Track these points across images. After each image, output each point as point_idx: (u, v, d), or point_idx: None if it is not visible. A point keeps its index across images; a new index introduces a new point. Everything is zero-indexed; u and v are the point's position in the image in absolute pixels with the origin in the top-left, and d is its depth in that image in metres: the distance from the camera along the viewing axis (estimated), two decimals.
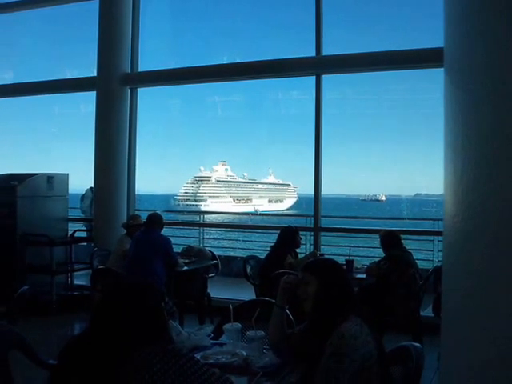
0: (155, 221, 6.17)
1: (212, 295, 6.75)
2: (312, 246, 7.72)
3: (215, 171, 67.84)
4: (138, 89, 8.47)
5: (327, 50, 7.47)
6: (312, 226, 7.60)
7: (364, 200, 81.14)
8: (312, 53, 7.44)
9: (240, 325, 2.95)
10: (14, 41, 13.58)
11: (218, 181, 66.82)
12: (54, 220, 8.12)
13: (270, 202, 72.63)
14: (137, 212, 8.13)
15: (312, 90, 7.40)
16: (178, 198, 64.92)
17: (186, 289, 6.37)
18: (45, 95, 10.09)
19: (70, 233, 8.58)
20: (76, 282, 8.18)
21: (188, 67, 8.53)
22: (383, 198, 74.46)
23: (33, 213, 7.78)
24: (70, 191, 8.44)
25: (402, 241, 5.86)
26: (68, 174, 8.54)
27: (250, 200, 69.87)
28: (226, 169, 68.91)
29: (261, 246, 16.65)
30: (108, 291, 2.14)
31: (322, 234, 7.66)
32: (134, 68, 8.35)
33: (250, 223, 19.90)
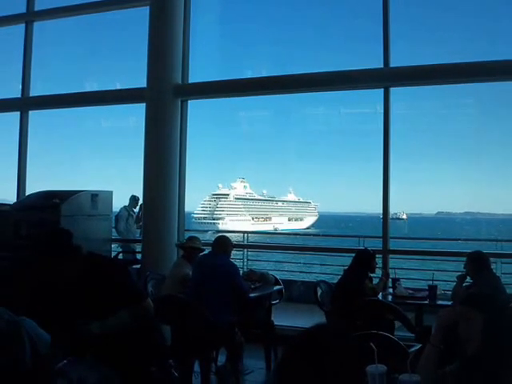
0: (223, 244, 5.60)
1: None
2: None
3: (234, 188, 66.79)
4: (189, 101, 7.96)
5: (395, 62, 6.98)
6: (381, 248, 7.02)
7: None
8: (380, 64, 6.97)
9: (385, 367, 2.33)
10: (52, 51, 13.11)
11: (236, 198, 65.81)
12: (97, 241, 7.50)
13: (289, 220, 71.31)
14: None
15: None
16: (196, 215, 64.07)
17: (250, 317, 5.80)
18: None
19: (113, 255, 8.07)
20: None
21: (245, 78, 8.05)
22: (404, 217, 72.77)
23: (76, 233, 7.23)
24: None
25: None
26: (112, 192, 8.06)
27: (270, 218, 68.62)
28: (244, 186, 67.74)
29: (301, 267, 16.14)
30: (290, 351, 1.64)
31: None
32: (184, 79, 7.85)
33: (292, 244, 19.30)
